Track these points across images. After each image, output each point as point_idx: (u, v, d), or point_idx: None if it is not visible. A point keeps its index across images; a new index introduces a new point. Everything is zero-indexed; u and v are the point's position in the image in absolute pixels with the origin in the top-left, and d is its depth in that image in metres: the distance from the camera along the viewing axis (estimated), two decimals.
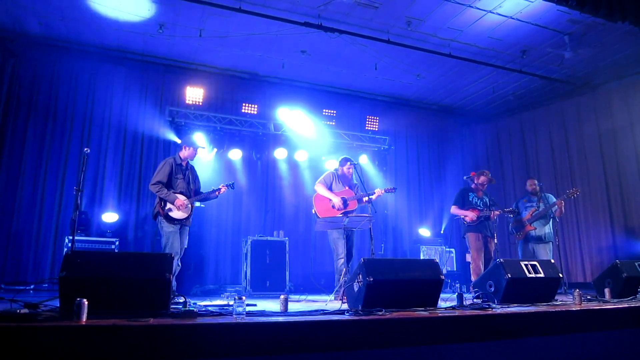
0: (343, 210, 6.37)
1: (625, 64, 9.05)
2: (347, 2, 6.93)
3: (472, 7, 7.53)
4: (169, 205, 5.69)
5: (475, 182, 7.13)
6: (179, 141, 8.57)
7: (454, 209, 7.12)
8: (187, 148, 6.04)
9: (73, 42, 8.67)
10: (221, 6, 7.22)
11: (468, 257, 7.28)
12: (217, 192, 6.12)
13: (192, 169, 6.17)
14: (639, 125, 9.14)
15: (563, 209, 7.24)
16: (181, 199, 5.74)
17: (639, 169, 9.07)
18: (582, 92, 10.15)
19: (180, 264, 5.74)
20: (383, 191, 6.49)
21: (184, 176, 5.95)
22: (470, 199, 7.07)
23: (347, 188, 6.59)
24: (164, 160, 6.04)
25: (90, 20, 7.92)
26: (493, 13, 7.68)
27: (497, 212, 6.81)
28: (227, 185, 6.21)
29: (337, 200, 6.38)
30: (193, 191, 5.99)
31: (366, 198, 6.34)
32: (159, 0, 7.26)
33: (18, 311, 2.73)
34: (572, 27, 8.02)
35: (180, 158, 6.01)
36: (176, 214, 5.71)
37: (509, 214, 6.90)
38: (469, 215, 6.86)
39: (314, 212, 6.53)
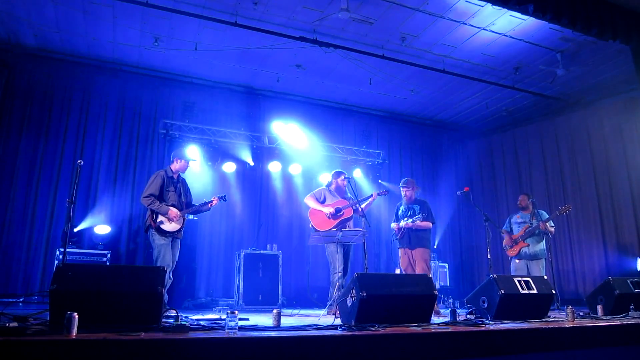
0: (339, 219, 6.35)
1: (617, 82, 9.16)
2: (343, 17, 6.98)
3: (465, 24, 7.62)
4: (160, 218, 5.63)
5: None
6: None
7: (391, 225, 7.02)
8: (178, 161, 5.99)
9: (68, 54, 8.69)
10: (217, 20, 7.28)
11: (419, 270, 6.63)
12: (209, 205, 6.08)
13: (184, 181, 6.11)
14: (631, 142, 9.22)
15: (550, 228, 7.12)
16: (174, 210, 5.70)
17: (631, 186, 9.13)
18: (575, 109, 10.25)
19: (172, 277, 5.69)
20: (376, 194, 6.48)
21: (175, 189, 5.88)
22: (399, 212, 6.93)
23: (341, 199, 6.59)
24: (155, 173, 5.97)
25: (85, 32, 7.95)
26: (486, 30, 7.77)
27: (410, 223, 6.57)
28: (219, 197, 6.17)
29: (327, 210, 6.36)
30: (185, 204, 5.93)
31: (362, 206, 6.28)
32: (155, 14, 7.29)
33: (7, 324, 2.69)
34: (564, 45, 8.13)
35: (172, 171, 5.95)
36: (168, 226, 5.66)
37: (417, 219, 6.52)
38: (394, 229, 6.84)
39: (310, 226, 6.50)
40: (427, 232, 6.74)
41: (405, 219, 6.69)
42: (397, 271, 6.77)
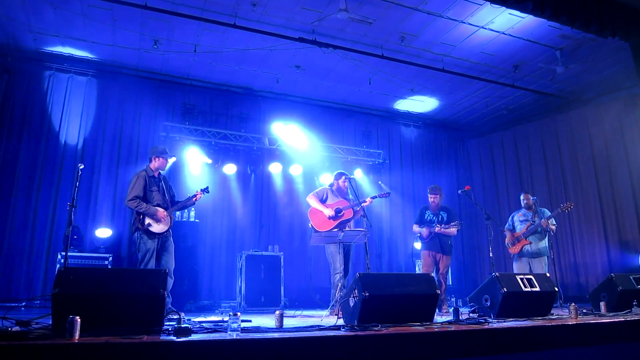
0: (339, 220, 6.35)
1: (616, 79, 9.14)
2: (342, 17, 6.98)
3: (464, 22, 7.62)
4: (148, 220, 5.58)
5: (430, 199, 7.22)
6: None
7: (414, 227, 7.27)
8: (156, 159, 5.88)
9: (67, 57, 8.68)
10: (216, 22, 7.27)
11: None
12: (193, 199, 6.03)
13: (165, 179, 6.04)
14: (631, 138, 9.21)
15: (552, 226, 7.13)
16: (161, 211, 5.66)
17: (632, 183, 9.13)
18: (574, 107, 10.24)
19: (172, 276, 5.67)
20: (371, 199, 6.55)
21: (158, 188, 5.80)
22: (426, 217, 7.17)
23: (342, 199, 6.60)
24: (135, 174, 5.84)
25: (84, 36, 7.94)
26: (485, 29, 7.77)
27: (442, 229, 6.83)
28: (202, 190, 6.11)
29: (328, 211, 6.37)
30: (169, 202, 5.88)
31: (359, 207, 6.29)
32: (154, 16, 7.29)
33: (9, 329, 2.69)
34: (563, 43, 8.12)
35: (152, 170, 5.86)
36: (156, 227, 5.61)
37: (453, 227, 6.81)
38: (423, 233, 7.02)
39: (310, 225, 6.51)
40: (453, 238, 7.06)
41: (437, 225, 6.90)
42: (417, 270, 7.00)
